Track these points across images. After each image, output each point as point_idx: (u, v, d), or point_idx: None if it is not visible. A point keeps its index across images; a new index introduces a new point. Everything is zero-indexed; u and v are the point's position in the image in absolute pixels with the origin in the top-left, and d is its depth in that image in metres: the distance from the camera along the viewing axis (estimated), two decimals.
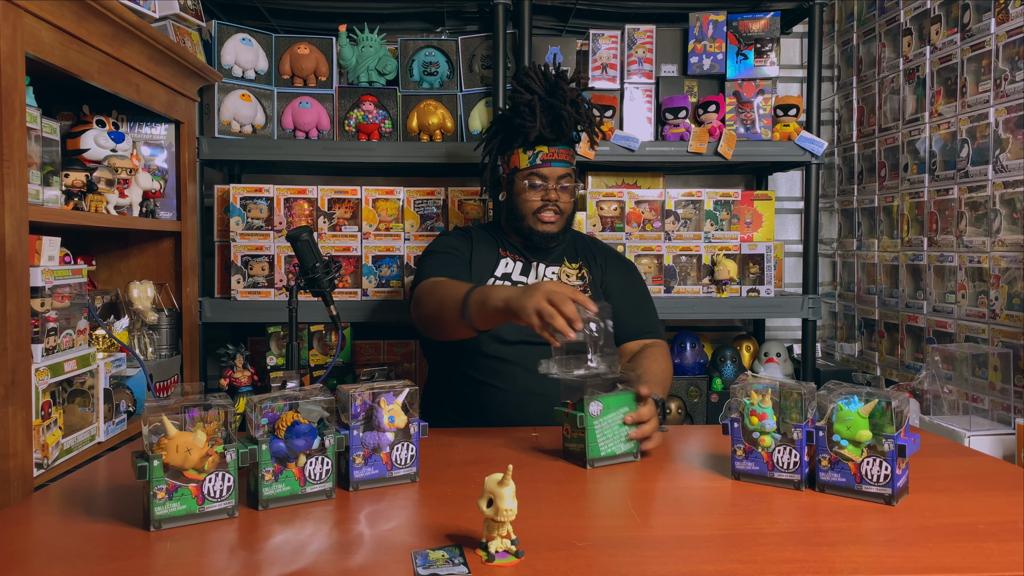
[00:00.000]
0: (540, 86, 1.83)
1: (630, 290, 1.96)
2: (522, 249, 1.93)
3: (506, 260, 1.90)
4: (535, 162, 1.85)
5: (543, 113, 1.81)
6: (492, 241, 1.94)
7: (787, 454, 1.19)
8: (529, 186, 1.85)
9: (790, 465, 1.19)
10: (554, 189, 1.85)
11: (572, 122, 1.84)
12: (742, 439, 1.23)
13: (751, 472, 1.22)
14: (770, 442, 1.20)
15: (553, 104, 1.82)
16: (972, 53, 2.14)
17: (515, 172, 1.88)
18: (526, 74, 1.86)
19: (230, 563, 0.94)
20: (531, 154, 1.85)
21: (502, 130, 1.91)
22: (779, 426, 1.20)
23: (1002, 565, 0.92)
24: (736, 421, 1.23)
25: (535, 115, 1.81)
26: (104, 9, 1.60)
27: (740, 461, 1.23)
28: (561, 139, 1.87)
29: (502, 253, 1.91)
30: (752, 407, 1.21)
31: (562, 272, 1.90)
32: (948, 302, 2.26)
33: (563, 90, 1.82)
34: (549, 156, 1.85)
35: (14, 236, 1.37)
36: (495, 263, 1.89)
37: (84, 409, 1.64)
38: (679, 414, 2.48)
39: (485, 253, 1.90)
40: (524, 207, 1.87)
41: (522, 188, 1.86)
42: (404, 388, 1.23)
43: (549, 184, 1.85)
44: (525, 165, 1.85)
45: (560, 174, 1.86)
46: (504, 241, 1.95)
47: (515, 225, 1.90)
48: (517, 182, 1.87)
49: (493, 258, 1.89)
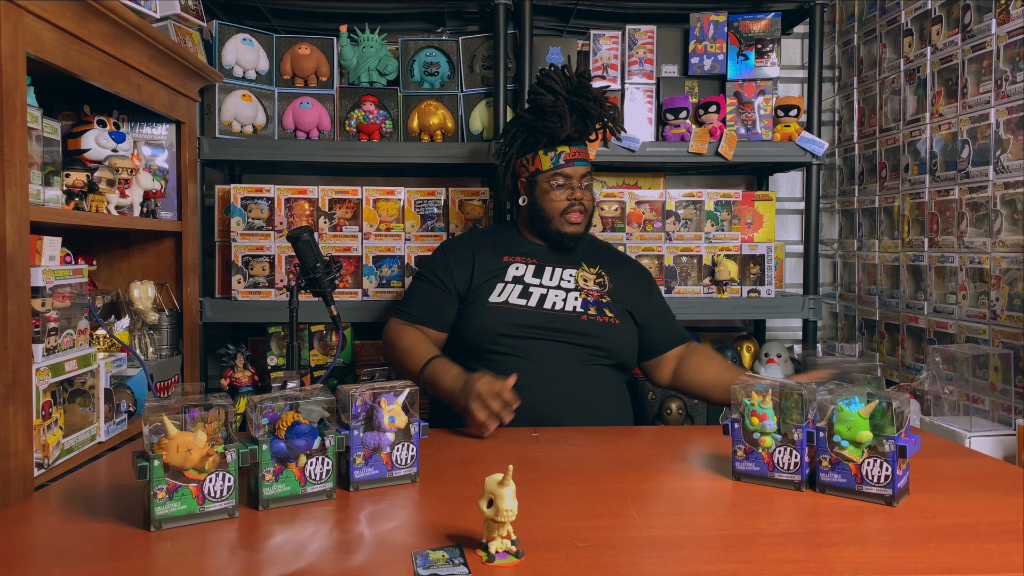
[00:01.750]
0: (563, 87, 1.84)
1: (656, 305, 1.97)
2: (538, 252, 1.92)
3: (515, 265, 1.88)
4: (558, 163, 1.85)
5: (569, 113, 1.83)
6: (499, 248, 1.92)
7: (788, 455, 1.19)
8: (555, 187, 1.86)
9: (791, 466, 1.19)
10: (578, 188, 1.86)
11: (596, 119, 1.87)
12: (743, 440, 1.23)
13: (752, 473, 1.22)
14: (771, 443, 1.20)
15: (578, 103, 1.83)
16: (973, 54, 2.14)
17: (537, 174, 1.88)
18: (548, 75, 1.86)
19: (230, 563, 0.94)
20: (553, 155, 1.85)
21: (522, 133, 1.90)
22: (780, 427, 1.20)
23: (1002, 566, 0.92)
24: (737, 422, 1.23)
25: (562, 116, 1.82)
26: (105, 9, 1.60)
27: (741, 462, 1.23)
28: (582, 138, 1.89)
29: (507, 260, 1.89)
30: (753, 408, 1.21)
31: (579, 276, 1.88)
32: (949, 303, 2.26)
33: (587, 88, 1.84)
34: (572, 156, 1.86)
35: (15, 236, 1.38)
36: (503, 270, 1.87)
37: (85, 409, 1.64)
38: (679, 414, 2.48)
39: (489, 261, 1.88)
40: (550, 208, 1.86)
41: (547, 189, 1.86)
42: (404, 388, 1.23)
43: (573, 183, 1.86)
44: (548, 167, 1.86)
45: (582, 172, 1.87)
46: (517, 245, 1.94)
47: (540, 228, 1.90)
48: (540, 184, 1.87)
49: (498, 266, 1.88)
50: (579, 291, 1.85)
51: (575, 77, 1.85)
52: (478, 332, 1.79)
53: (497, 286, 1.83)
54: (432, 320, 1.87)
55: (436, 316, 1.87)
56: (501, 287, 1.83)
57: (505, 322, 1.77)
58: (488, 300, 1.81)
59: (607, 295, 1.87)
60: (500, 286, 1.83)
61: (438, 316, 1.87)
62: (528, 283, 1.85)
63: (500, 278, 1.85)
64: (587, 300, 1.83)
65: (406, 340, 1.81)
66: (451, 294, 1.87)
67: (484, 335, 1.78)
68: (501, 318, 1.78)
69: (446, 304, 1.87)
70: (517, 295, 1.81)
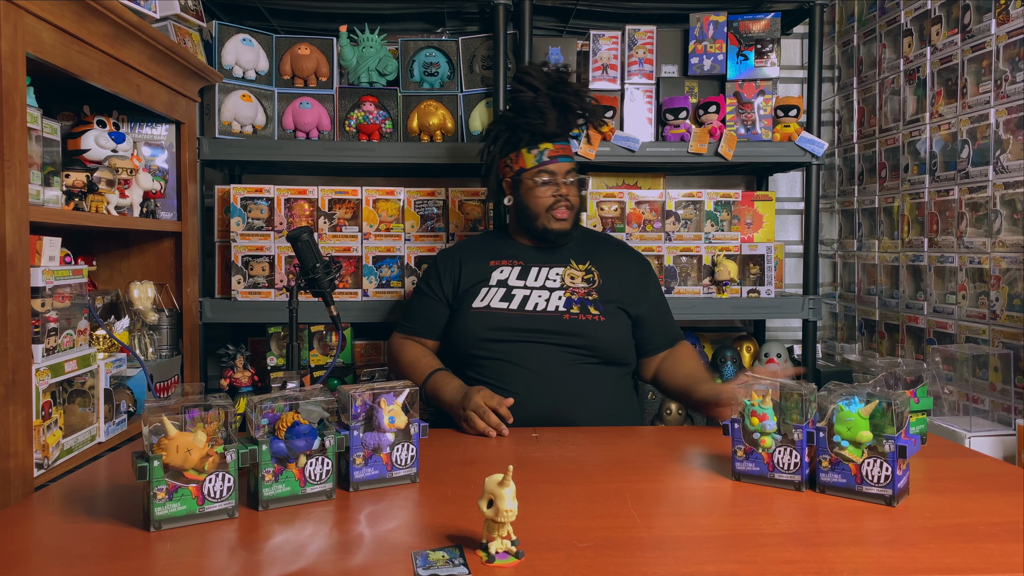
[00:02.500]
0: (542, 82, 1.84)
1: (653, 302, 1.93)
2: (525, 253, 1.92)
3: (500, 268, 1.89)
4: (542, 160, 1.85)
5: (551, 108, 1.82)
6: (486, 253, 1.93)
7: (787, 455, 1.19)
8: (540, 184, 1.86)
9: (790, 466, 1.19)
10: (564, 184, 1.86)
11: (578, 114, 1.87)
12: (743, 440, 1.23)
13: (752, 473, 1.22)
14: (770, 443, 1.20)
15: (558, 98, 1.82)
16: (973, 54, 2.14)
17: (521, 173, 1.88)
18: (526, 72, 1.86)
19: (230, 563, 0.94)
20: (536, 152, 1.86)
21: (505, 132, 1.90)
22: (779, 427, 1.20)
23: (1002, 566, 0.92)
24: (737, 422, 1.23)
25: (543, 111, 1.82)
26: (105, 9, 1.60)
27: (741, 462, 1.23)
28: (564, 135, 1.89)
29: (493, 264, 1.90)
30: (752, 408, 1.21)
31: (566, 274, 1.88)
32: (948, 303, 2.26)
33: (566, 82, 1.84)
34: (556, 152, 1.86)
35: (15, 236, 1.38)
36: (488, 275, 1.88)
37: (84, 409, 1.64)
38: (679, 414, 2.48)
39: (475, 267, 1.90)
40: (536, 206, 1.87)
41: (532, 187, 1.86)
42: (404, 388, 1.23)
43: (558, 179, 1.86)
44: (532, 164, 1.86)
45: (567, 169, 1.87)
46: (504, 248, 1.94)
47: (527, 226, 1.90)
48: (525, 182, 1.88)
49: (484, 271, 1.89)
50: (564, 290, 1.84)
51: (554, 72, 1.85)
52: (463, 338, 1.82)
53: (481, 291, 1.85)
54: (429, 331, 1.92)
55: (432, 327, 1.92)
56: (485, 291, 1.85)
57: (487, 326, 1.79)
58: (471, 306, 1.83)
59: (594, 291, 1.85)
60: (484, 291, 1.85)
61: (434, 327, 1.92)
62: (512, 286, 1.85)
63: (485, 283, 1.87)
64: (571, 299, 1.82)
65: (407, 355, 1.87)
66: (443, 303, 1.91)
67: (469, 340, 1.80)
68: (483, 322, 1.79)
69: (440, 314, 1.91)
70: (499, 298, 1.82)
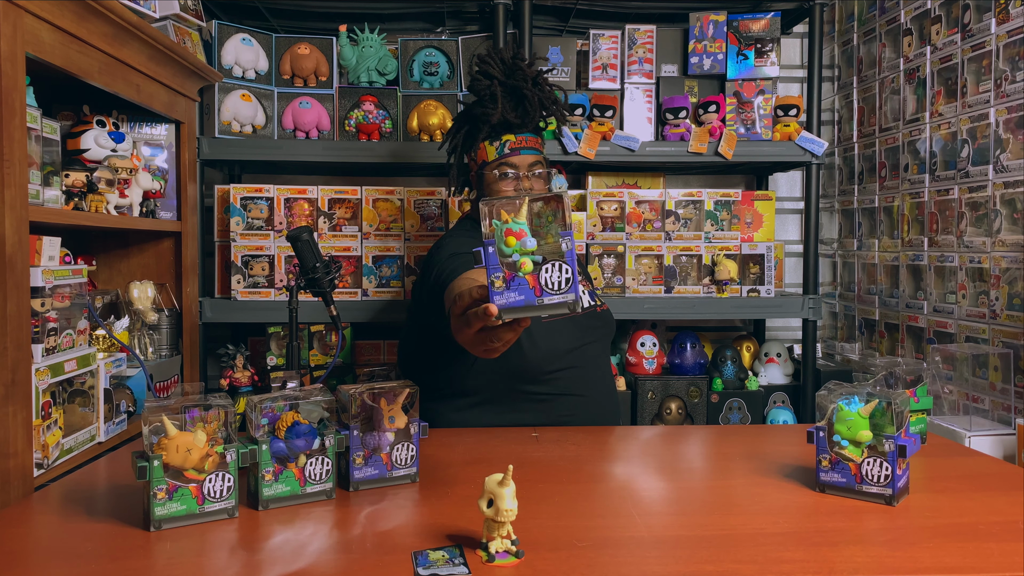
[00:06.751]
0: (499, 70, 1.76)
1: None
2: None
3: None
4: (503, 152, 1.77)
5: (505, 97, 1.74)
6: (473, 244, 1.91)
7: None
8: (500, 176, 1.77)
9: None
10: (527, 177, 1.77)
11: (536, 103, 1.77)
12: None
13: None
14: (531, 266, 0.93)
15: (514, 85, 1.75)
16: (972, 53, 2.14)
17: (484, 166, 1.80)
18: (484, 60, 1.78)
19: (230, 563, 0.94)
20: (498, 144, 1.77)
21: (465, 124, 1.84)
22: (540, 246, 0.93)
23: (1002, 565, 0.92)
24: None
25: (496, 99, 1.74)
26: (104, 9, 1.60)
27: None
28: (527, 125, 1.79)
29: None
30: (507, 226, 0.94)
31: None
32: (948, 302, 2.26)
33: (521, 69, 1.75)
34: (517, 144, 1.77)
35: (14, 236, 1.38)
36: None
37: (84, 409, 1.64)
38: (679, 414, 2.48)
39: None
40: None
41: (492, 180, 1.78)
42: (404, 388, 1.23)
43: (520, 173, 1.77)
44: (493, 157, 1.77)
45: (530, 162, 1.78)
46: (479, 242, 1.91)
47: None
48: (487, 175, 1.79)
49: None
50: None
51: (510, 59, 1.76)
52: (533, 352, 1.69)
53: None
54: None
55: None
56: None
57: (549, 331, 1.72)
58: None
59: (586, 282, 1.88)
60: None
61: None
62: None
63: None
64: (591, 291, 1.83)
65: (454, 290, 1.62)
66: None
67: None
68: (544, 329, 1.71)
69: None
70: None
